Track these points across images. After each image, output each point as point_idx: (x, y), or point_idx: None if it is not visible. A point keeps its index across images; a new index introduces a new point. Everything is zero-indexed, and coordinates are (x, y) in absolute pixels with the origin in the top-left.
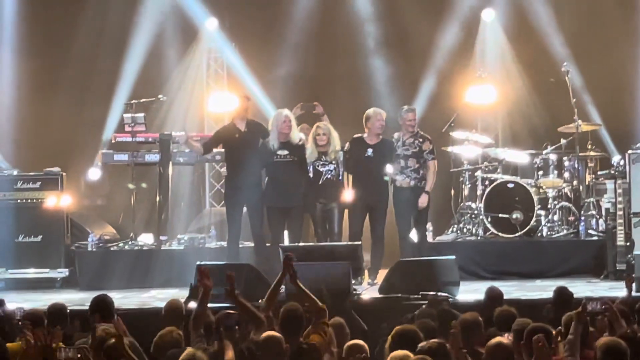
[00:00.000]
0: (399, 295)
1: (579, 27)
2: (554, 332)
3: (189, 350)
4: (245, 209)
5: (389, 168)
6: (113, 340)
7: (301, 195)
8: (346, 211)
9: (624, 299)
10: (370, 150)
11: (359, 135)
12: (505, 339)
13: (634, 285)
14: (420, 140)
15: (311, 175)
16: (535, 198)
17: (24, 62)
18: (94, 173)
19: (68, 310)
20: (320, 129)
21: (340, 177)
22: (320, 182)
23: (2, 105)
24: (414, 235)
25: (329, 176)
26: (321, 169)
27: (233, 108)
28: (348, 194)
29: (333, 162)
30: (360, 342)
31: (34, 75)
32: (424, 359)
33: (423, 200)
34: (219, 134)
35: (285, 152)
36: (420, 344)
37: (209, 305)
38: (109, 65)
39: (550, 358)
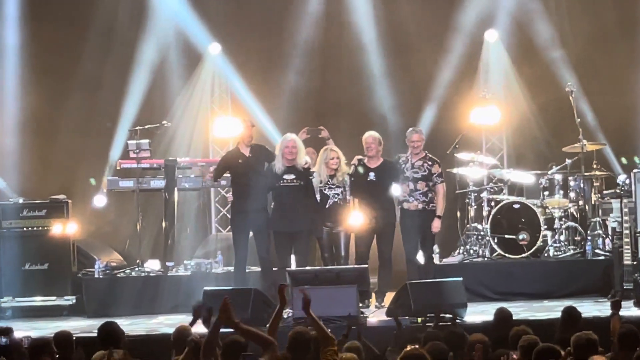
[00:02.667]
0: (407, 317)
1: (583, 47)
2: (562, 353)
3: None
4: (251, 233)
5: (396, 190)
6: None
7: (308, 219)
8: (352, 234)
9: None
10: (372, 174)
11: (361, 157)
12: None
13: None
14: (430, 163)
15: (318, 198)
16: (541, 218)
17: (28, 91)
18: (100, 200)
19: (74, 338)
20: (334, 152)
21: (347, 200)
22: (327, 206)
23: (7, 134)
24: (420, 258)
25: (336, 200)
26: (328, 193)
27: (237, 134)
28: (354, 217)
29: (340, 185)
30: None
31: (39, 104)
32: None
33: (436, 225)
34: (225, 161)
35: (292, 176)
36: None
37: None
38: (113, 92)
39: None
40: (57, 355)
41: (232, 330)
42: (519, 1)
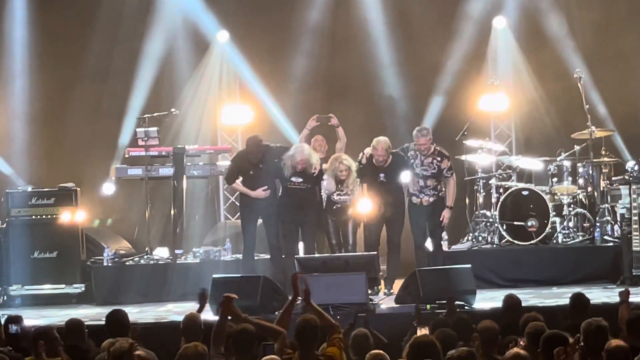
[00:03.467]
0: (416, 305)
1: (592, 34)
2: (570, 340)
3: None
4: (260, 220)
5: (405, 177)
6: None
7: (315, 211)
8: (361, 222)
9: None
10: (382, 176)
11: (371, 154)
12: (520, 346)
13: None
14: (439, 159)
15: (324, 201)
16: (550, 205)
17: (37, 80)
18: (108, 188)
19: (85, 326)
20: (343, 165)
21: (353, 199)
22: (333, 208)
23: (16, 123)
24: (429, 245)
25: (342, 204)
26: (335, 198)
27: (247, 148)
28: (363, 204)
29: (350, 193)
30: (381, 352)
31: (47, 92)
32: None
33: (446, 216)
34: (236, 169)
35: (300, 179)
36: (450, 352)
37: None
38: (122, 80)
39: None
40: (65, 342)
41: None
42: None
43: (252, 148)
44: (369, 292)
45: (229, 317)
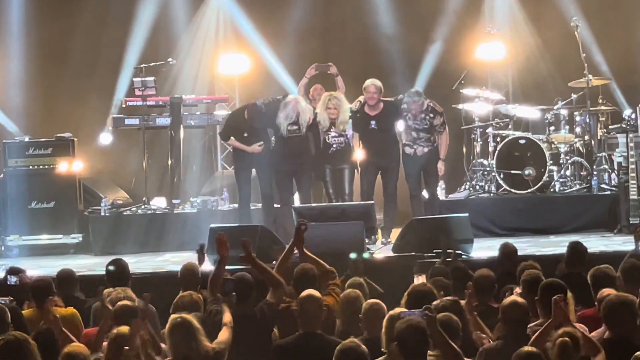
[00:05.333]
0: (413, 253)
1: None
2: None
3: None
4: (254, 171)
5: (399, 126)
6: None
7: (309, 160)
8: (357, 172)
9: (634, 252)
10: (373, 123)
11: (364, 102)
12: (517, 294)
13: None
14: (431, 115)
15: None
16: (547, 154)
17: (33, 31)
18: (106, 138)
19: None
20: (332, 102)
21: (350, 144)
22: (329, 152)
23: (13, 74)
24: (425, 194)
25: (338, 147)
26: (330, 141)
27: (248, 114)
28: (358, 154)
29: (343, 133)
30: (378, 301)
31: (44, 43)
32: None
33: (441, 168)
34: (231, 130)
35: (295, 127)
36: (434, 302)
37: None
38: (118, 29)
39: (567, 319)
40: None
41: (238, 267)
42: None
43: (252, 115)
44: (366, 241)
45: (243, 260)
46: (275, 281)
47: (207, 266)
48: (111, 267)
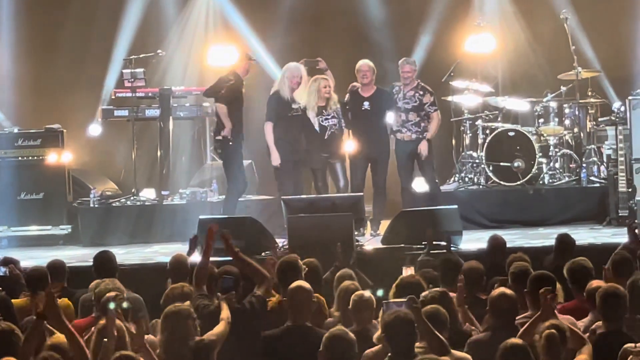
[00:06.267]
0: (402, 245)
1: None
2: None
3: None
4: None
5: (390, 118)
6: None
7: (302, 150)
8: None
9: (626, 245)
10: (366, 104)
11: (356, 87)
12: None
13: (637, 231)
14: (421, 92)
15: (317, 130)
16: (536, 146)
17: (22, 21)
18: (95, 129)
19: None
20: (325, 80)
21: (342, 129)
22: (325, 137)
23: (2, 65)
24: (415, 186)
25: (334, 130)
26: (325, 124)
27: (235, 64)
28: (349, 146)
29: (335, 115)
30: (367, 292)
31: (33, 34)
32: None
33: (423, 147)
34: (231, 95)
35: (297, 105)
36: (423, 294)
37: (212, 258)
38: (108, 21)
39: (554, 312)
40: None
41: (226, 258)
42: None
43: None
44: (356, 233)
45: (226, 252)
46: (260, 275)
47: (196, 257)
48: (98, 259)
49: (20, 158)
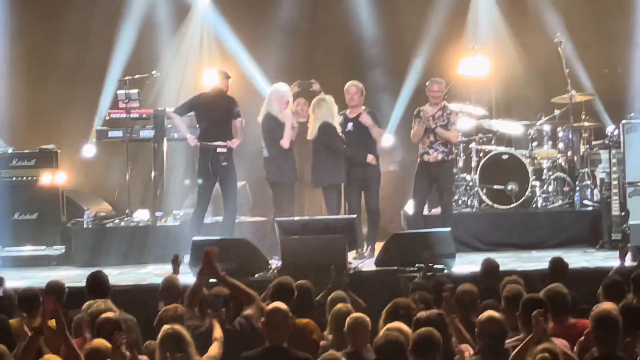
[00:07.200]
0: (396, 267)
1: None
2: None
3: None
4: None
5: (387, 140)
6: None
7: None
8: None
9: (618, 269)
10: (350, 125)
11: (344, 111)
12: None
13: (628, 255)
14: (448, 112)
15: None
16: (529, 169)
17: (16, 41)
18: (89, 150)
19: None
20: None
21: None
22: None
23: None
24: (408, 209)
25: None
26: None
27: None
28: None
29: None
30: (362, 315)
31: (27, 54)
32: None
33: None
34: None
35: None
36: (419, 314)
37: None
38: (102, 42)
39: (547, 334)
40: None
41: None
42: None
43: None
44: (355, 255)
45: (211, 276)
46: (246, 296)
47: (188, 276)
48: (91, 279)
49: (14, 178)
